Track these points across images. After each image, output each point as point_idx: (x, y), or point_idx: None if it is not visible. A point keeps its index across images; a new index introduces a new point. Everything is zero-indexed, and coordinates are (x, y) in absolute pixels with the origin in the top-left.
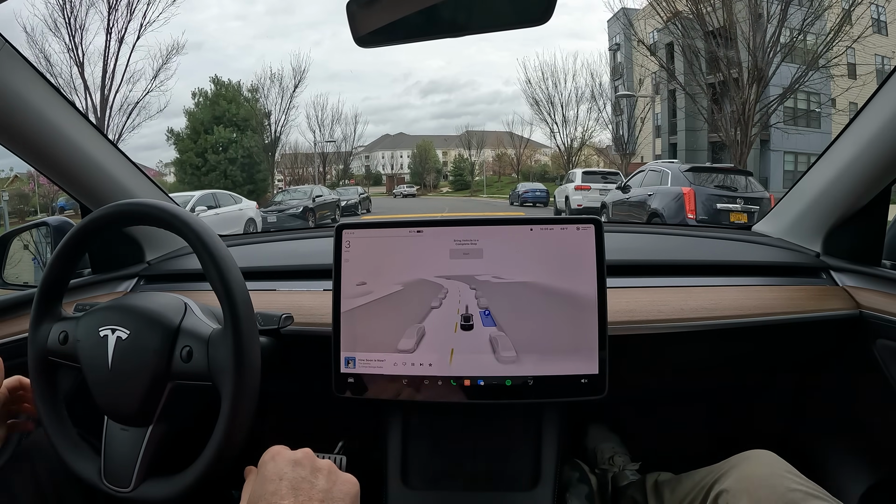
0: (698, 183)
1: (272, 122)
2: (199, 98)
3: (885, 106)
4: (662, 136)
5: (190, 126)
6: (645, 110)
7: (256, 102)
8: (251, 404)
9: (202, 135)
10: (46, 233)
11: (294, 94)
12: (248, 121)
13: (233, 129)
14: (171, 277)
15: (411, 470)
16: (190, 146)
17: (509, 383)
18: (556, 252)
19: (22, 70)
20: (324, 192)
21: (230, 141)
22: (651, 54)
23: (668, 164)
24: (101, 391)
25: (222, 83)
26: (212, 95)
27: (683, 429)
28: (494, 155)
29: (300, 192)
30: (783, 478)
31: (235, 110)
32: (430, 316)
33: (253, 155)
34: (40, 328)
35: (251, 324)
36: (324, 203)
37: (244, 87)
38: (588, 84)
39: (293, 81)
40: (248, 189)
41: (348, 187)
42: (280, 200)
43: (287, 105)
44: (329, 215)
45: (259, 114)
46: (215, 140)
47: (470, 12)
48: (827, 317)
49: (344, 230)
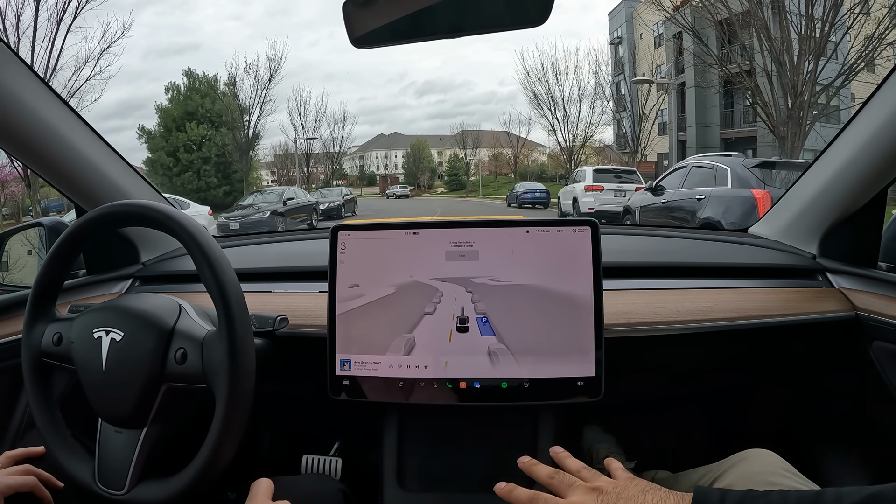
0: (771, 182)
1: (251, 117)
2: (172, 93)
3: (882, 108)
4: (670, 132)
5: (161, 123)
6: (659, 101)
7: (234, 98)
8: (246, 407)
9: (174, 132)
10: (41, 233)
11: (269, 85)
12: (222, 116)
13: (206, 126)
14: (167, 278)
15: (407, 472)
16: (161, 144)
17: (505, 385)
18: (553, 254)
19: (15, 68)
20: (297, 195)
21: (203, 138)
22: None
23: (724, 158)
24: (95, 393)
25: (196, 76)
26: (185, 90)
27: (680, 430)
28: (491, 154)
29: (274, 193)
30: (782, 476)
31: (210, 105)
32: (423, 322)
33: (228, 153)
34: (34, 329)
35: (245, 326)
36: (297, 206)
37: (221, 80)
38: (591, 76)
39: (268, 72)
40: (223, 190)
41: (332, 188)
42: (249, 203)
43: (262, 97)
44: (304, 220)
45: (232, 109)
46: (188, 138)
47: (467, 13)
48: (823, 319)
49: (339, 231)
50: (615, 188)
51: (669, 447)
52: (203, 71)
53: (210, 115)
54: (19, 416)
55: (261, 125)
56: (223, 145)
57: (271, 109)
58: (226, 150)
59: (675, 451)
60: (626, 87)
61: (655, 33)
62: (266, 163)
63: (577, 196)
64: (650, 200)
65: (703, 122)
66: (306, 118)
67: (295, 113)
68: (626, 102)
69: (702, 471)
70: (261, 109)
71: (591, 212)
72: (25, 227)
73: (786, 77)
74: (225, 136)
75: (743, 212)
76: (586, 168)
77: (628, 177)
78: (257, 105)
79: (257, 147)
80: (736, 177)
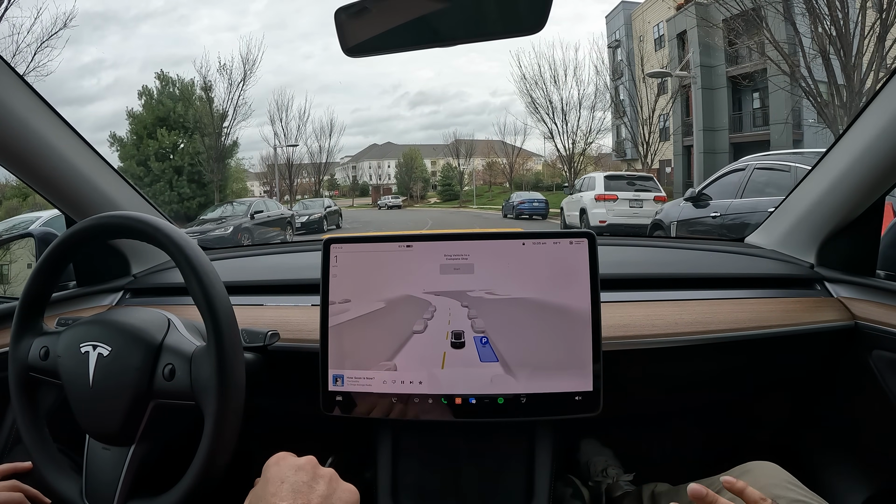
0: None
1: (226, 122)
2: (145, 98)
3: (880, 116)
4: (675, 137)
5: (132, 130)
6: (668, 105)
7: (211, 103)
8: (235, 424)
9: (145, 139)
10: (29, 244)
11: (243, 87)
12: (197, 123)
13: (178, 132)
14: (158, 291)
15: (402, 487)
16: (132, 153)
17: (501, 401)
18: (550, 266)
19: (5, 77)
20: (267, 207)
21: (175, 146)
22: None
23: (798, 157)
24: (81, 409)
25: (169, 79)
26: (157, 94)
27: (678, 442)
28: (485, 164)
29: (245, 205)
30: (785, 489)
31: (183, 110)
32: (415, 338)
33: (200, 162)
34: (21, 343)
35: (235, 340)
36: (267, 220)
37: (197, 84)
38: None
39: (241, 73)
40: (197, 202)
41: (315, 200)
42: (217, 217)
43: (236, 100)
44: (276, 235)
45: (204, 114)
46: (159, 145)
47: (461, 21)
48: (822, 328)
49: (332, 244)
50: (631, 197)
51: (668, 459)
52: (177, 74)
53: (183, 121)
54: (6, 432)
55: (239, 132)
56: (196, 153)
57: (247, 113)
58: (199, 158)
59: (674, 463)
60: (627, 92)
61: (656, 34)
62: (255, 173)
63: (586, 207)
64: (692, 213)
65: (710, 126)
66: (288, 125)
67: (277, 120)
68: (625, 108)
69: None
70: (234, 112)
71: (603, 225)
72: (15, 238)
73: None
74: (198, 144)
75: None
76: (595, 175)
77: (644, 184)
78: (230, 107)
79: (235, 155)
80: None
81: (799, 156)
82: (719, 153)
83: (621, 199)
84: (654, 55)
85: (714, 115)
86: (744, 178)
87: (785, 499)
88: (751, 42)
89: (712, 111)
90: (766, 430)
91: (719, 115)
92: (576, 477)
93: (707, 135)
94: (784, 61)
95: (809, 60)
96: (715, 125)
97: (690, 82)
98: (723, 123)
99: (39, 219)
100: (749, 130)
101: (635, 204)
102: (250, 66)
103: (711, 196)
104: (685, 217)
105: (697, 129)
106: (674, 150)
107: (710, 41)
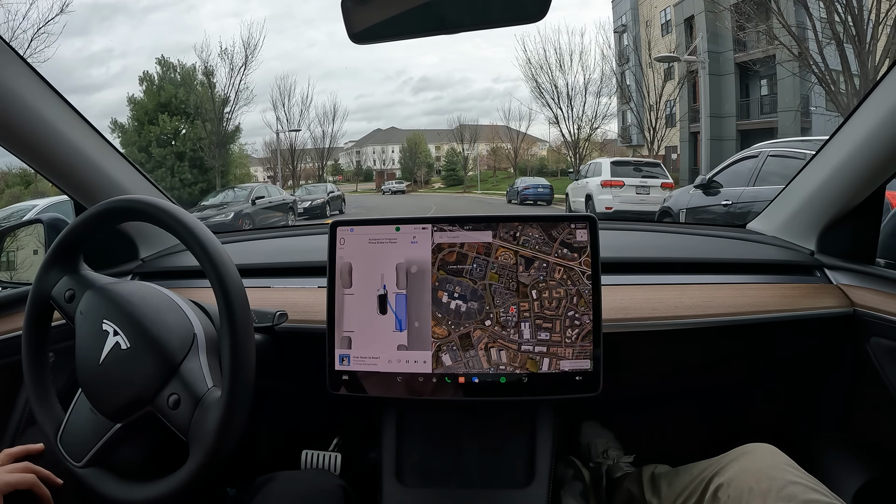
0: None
1: (228, 107)
2: (146, 83)
3: (881, 104)
4: (681, 123)
5: (134, 116)
6: (676, 90)
7: (213, 88)
8: (245, 408)
9: (146, 125)
10: (38, 231)
11: (244, 71)
12: (199, 108)
13: (180, 118)
14: (166, 274)
15: (406, 467)
16: (133, 139)
17: (504, 380)
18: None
19: (14, 65)
20: (268, 192)
21: (176, 132)
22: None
23: (813, 145)
24: (83, 373)
25: (170, 65)
26: (157, 80)
27: (678, 425)
28: (489, 149)
29: (246, 190)
30: (783, 471)
31: (184, 95)
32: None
33: (202, 147)
34: (51, 272)
35: (248, 325)
36: (268, 206)
37: (198, 69)
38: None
39: (243, 58)
40: (199, 188)
41: (317, 185)
42: (218, 203)
43: (237, 85)
44: (277, 221)
45: (205, 99)
46: (160, 131)
47: (465, 9)
48: (821, 315)
49: (339, 227)
50: (637, 184)
51: (668, 442)
52: (178, 59)
53: (185, 107)
54: (18, 414)
55: (241, 117)
56: (198, 139)
57: (249, 98)
58: (201, 143)
59: (674, 446)
60: (633, 77)
61: (663, 19)
62: (259, 158)
63: (592, 193)
64: (701, 201)
65: (717, 113)
66: (291, 110)
67: (280, 105)
68: (631, 93)
69: (703, 465)
70: (236, 97)
71: (610, 211)
72: (24, 224)
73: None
74: (200, 129)
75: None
76: (602, 160)
77: (652, 170)
78: (232, 92)
79: (238, 140)
80: None
81: (813, 143)
82: (726, 140)
83: (628, 185)
84: (661, 40)
85: (721, 102)
86: (757, 166)
87: (783, 480)
88: (761, 27)
89: (719, 98)
90: (764, 414)
91: (727, 101)
92: (577, 458)
93: (714, 121)
94: (797, 46)
95: (823, 47)
96: (722, 112)
97: (698, 68)
98: (730, 110)
99: (36, 207)
100: (756, 117)
101: (642, 190)
102: (251, 50)
103: (722, 183)
104: (695, 205)
105: (704, 115)
106: (680, 137)
107: (718, 26)
